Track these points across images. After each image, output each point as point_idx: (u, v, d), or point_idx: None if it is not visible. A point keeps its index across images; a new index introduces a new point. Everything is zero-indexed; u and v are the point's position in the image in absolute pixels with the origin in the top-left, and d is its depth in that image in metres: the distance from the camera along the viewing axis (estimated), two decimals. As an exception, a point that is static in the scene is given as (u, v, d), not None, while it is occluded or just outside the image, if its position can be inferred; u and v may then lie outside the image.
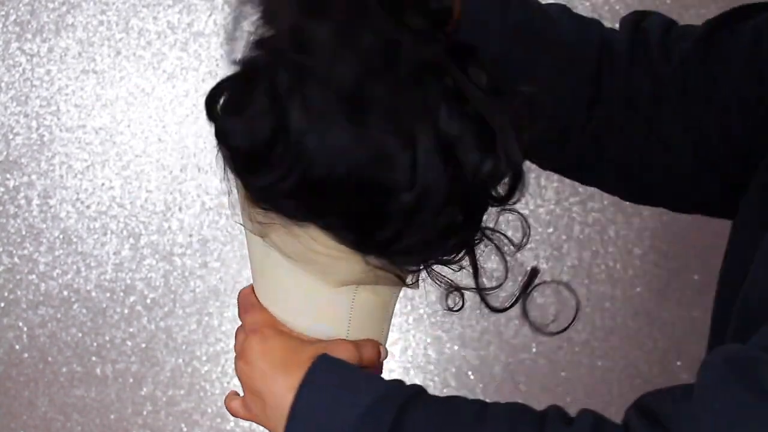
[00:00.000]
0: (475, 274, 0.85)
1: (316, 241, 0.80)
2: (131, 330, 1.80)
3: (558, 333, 0.91)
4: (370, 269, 0.82)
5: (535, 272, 0.89)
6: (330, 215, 0.78)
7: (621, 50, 1.01)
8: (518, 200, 0.82)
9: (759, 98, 0.93)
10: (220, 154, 0.78)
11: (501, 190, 0.81)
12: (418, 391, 0.78)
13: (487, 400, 0.80)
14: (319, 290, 0.86)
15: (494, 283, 0.90)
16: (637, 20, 1.05)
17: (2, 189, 1.78)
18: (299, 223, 0.79)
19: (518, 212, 0.89)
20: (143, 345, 1.81)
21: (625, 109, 0.98)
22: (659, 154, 0.99)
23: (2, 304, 1.80)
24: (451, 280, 0.90)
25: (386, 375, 0.97)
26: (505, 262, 0.89)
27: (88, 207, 1.79)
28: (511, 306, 0.90)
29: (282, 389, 0.83)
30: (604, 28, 1.02)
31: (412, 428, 0.74)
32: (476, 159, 0.77)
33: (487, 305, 0.85)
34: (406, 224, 0.78)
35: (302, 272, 0.86)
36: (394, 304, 0.90)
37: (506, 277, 0.90)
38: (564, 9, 1.01)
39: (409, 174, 0.74)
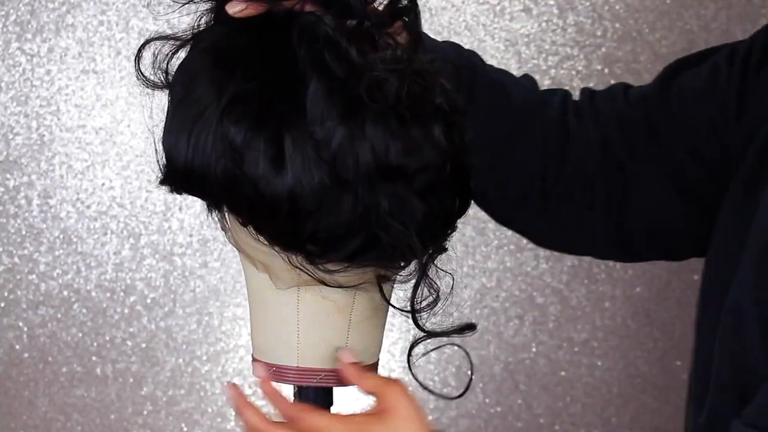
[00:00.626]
0: (414, 289, 0.84)
1: (253, 237, 0.83)
2: (131, 330, 1.80)
3: (458, 397, 0.93)
4: (291, 268, 0.83)
5: (471, 326, 0.95)
6: (227, 209, 0.83)
7: (582, 103, 1.04)
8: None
9: (724, 120, 0.96)
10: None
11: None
12: None
13: (486, 400, 0.81)
14: (267, 291, 0.87)
15: (494, 283, 0.91)
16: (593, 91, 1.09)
17: (2, 189, 1.78)
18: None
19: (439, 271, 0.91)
20: (143, 345, 1.81)
21: (600, 157, 1.01)
22: (640, 198, 1.00)
23: (2, 304, 1.80)
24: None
25: (386, 375, 0.98)
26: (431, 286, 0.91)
27: (88, 207, 1.79)
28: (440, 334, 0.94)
29: None
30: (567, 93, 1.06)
31: None
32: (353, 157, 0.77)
33: (417, 325, 0.86)
34: (290, 219, 0.79)
35: (255, 272, 0.87)
36: (376, 311, 0.89)
37: (436, 300, 0.93)
38: (531, 78, 1.06)
39: (269, 170, 0.77)
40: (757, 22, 1.68)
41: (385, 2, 0.83)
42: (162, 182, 0.84)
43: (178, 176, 0.82)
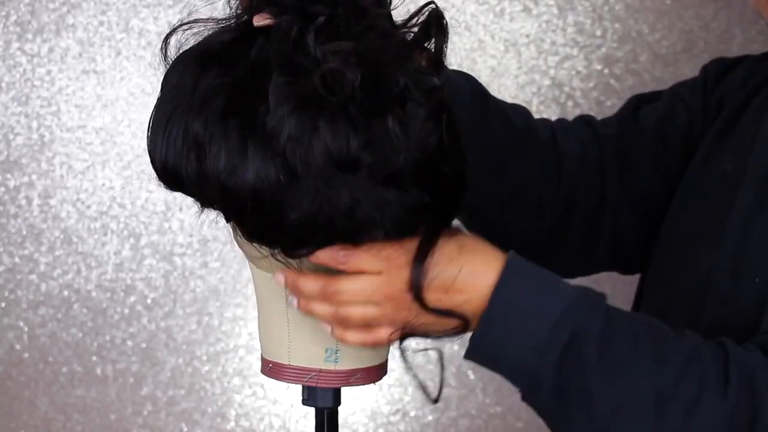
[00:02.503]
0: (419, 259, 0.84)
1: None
2: (131, 330, 1.80)
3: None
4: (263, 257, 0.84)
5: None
6: (201, 205, 0.85)
7: (563, 124, 1.14)
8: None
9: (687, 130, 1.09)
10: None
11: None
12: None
13: (486, 400, 0.81)
14: (264, 290, 0.88)
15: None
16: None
17: (3, 189, 1.78)
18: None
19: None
20: (143, 345, 1.81)
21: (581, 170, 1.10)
22: (612, 216, 1.11)
23: (3, 304, 1.80)
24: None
25: (386, 375, 0.98)
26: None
27: (88, 207, 1.79)
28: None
29: (482, 272, 0.84)
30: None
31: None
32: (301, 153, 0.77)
33: (422, 304, 0.88)
34: (256, 214, 0.79)
35: (256, 271, 0.88)
36: None
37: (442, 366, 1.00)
38: (523, 107, 1.14)
39: (230, 163, 0.78)
40: (757, 23, 1.68)
41: (416, 28, 0.83)
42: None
43: (158, 172, 0.83)
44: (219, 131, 0.78)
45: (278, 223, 0.78)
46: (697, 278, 0.98)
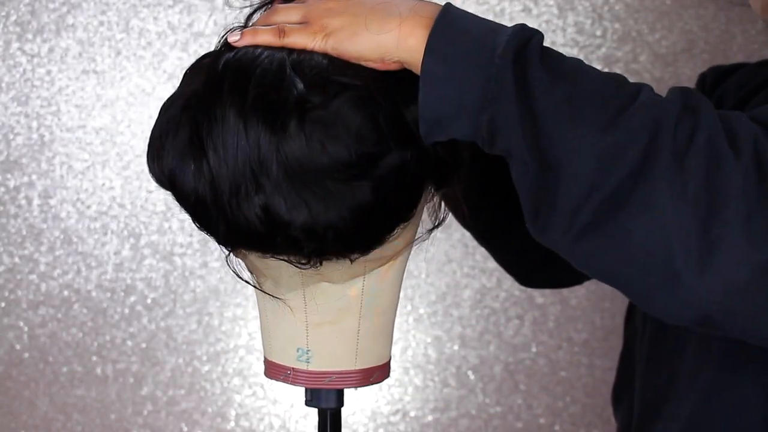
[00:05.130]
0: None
1: None
2: (131, 330, 1.80)
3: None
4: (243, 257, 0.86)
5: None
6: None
7: None
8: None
9: None
10: None
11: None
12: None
13: (486, 400, 0.81)
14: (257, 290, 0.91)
15: (494, 283, 0.90)
16: None
17: (3, 189, 1.78)
18: None
19: None
20: (143, 345, 1.81)
21: None
22: None
23: (3, 304, 1.80)
24: None
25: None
26: None
27: (88, 207, 1.79)
28: None
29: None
30: None
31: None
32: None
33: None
34: (203, 218, 0.83)
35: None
36: (340, 313, 0.88)
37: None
38: None
39: (179, 165, 0.80)
40: (756, 23, 1.68)
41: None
42: None
43: (153, 178, 0.86)
44: (174, 136, 0.80)
45: (219, 228, 0.82)
46: None
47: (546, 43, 0.81)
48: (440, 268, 1.77)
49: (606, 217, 0.72)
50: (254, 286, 0.87)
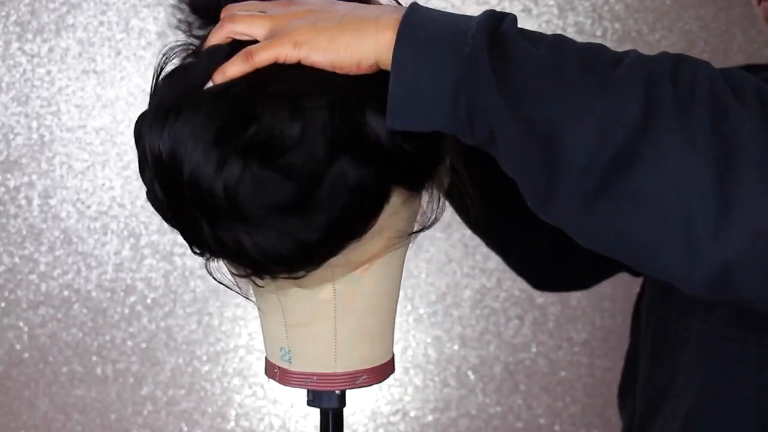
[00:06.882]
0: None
1: None
2: (131, 330, 1.80)
3: None
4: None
5: None
6: None
7: None
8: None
9: None
10: None
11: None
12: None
13: (486, 400, 0.80)
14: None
15: (494, 283, 0.89)
16: None
17: (3, 189, 1.78)
18: None
19: None
20: (143, 345, 1.81)
21: None
22: None
23: (3, 304, 1.80)
24: None
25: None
26: None
27: (88, 207, 1.79)
28: None
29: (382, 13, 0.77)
30: None
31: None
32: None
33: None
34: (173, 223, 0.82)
35: None
36: (314, 316, 0.88)
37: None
38: None
39: (150, 173, 0.79)
40: (757, 23, 1.68)
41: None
42: None
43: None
44: (145, 140, 0.80)
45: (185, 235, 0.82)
46: None
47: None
48: (440, 268, 1.77)
49: (615, 177, 0.68)
50: (227, 287, 0.87)
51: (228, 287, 0.86)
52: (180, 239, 1.81)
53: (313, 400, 0.90)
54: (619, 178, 0.69)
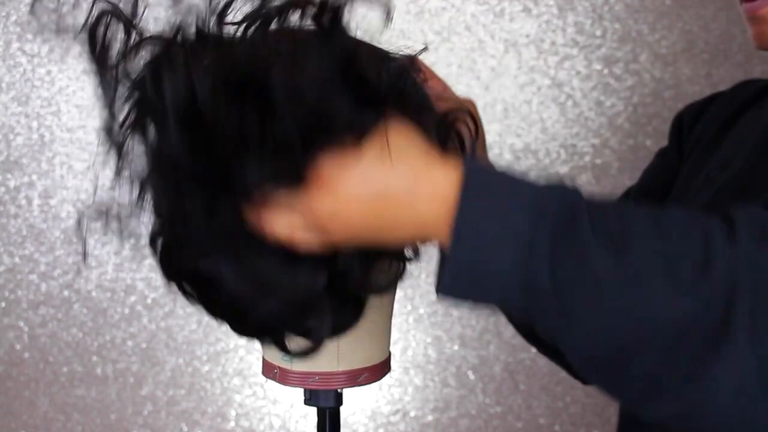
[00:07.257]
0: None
1: None
2: (132, 330, 1.80)
3: None
4: None
5: None
6: None
7: None
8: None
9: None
10: None
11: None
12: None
13: (486, 400, 0.80)
14: None
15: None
16: None
17: (3, 189, 1.79)
18: None
19: None
20: (144, 345, 1.81)
21: None
22: None
23: (3, 304, 1.80)
24: None
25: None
26: None
27: (88, 207, 1.79)
28: None
29: (436, 177, 0.72)
30: None
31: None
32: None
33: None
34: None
35: None
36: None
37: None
38: None
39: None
40: (757, 23, 1.68)
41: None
42: None
43: None
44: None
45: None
46: None
47: (546, 44, 0.79)
48: (440, 268, 1.77)
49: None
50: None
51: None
52: (180, 239, 1.81)
53: (310, 398, 0.91)
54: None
